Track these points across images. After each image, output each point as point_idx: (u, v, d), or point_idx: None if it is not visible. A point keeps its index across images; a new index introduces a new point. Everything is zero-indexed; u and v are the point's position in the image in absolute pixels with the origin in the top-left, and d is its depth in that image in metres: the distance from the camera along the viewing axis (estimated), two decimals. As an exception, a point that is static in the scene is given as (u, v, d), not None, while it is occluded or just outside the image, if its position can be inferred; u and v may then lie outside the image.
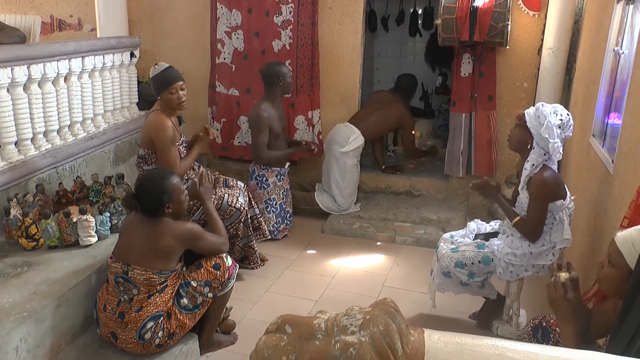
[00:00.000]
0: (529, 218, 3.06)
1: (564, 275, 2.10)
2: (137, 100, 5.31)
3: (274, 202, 4.66)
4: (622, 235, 1.81)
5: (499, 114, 5.20)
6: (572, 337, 1.94)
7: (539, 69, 4.95)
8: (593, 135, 3.76)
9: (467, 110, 5.18)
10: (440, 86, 6.76)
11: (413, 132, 5.42)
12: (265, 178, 4.62)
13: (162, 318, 2.82)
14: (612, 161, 3.10)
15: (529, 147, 3.06)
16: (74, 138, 4.33)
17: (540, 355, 0.94)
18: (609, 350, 1.63)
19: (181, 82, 3.58)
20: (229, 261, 3.01)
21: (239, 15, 5.38)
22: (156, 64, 3.62)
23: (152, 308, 2.78)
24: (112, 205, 3.56)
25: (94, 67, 4.51)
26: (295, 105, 5.37)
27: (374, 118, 5.20)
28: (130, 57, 5.11)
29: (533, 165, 3.04)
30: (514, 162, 5.16)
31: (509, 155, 5.19)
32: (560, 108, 3.01)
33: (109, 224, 3.49)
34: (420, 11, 7.18)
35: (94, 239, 3.38)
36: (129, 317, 2.78)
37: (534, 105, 3.11)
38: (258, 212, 4.17)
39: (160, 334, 2.81)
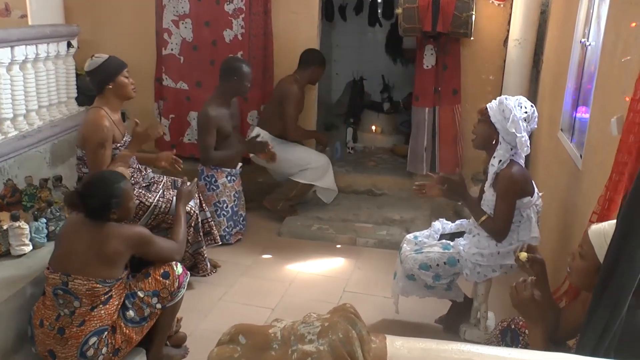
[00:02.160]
0: (496, 216, 3.09)
1: (523, 255, 2.19)
2: (75, 95, 5.20)
3: (224, 204, 4.63)
4: (595, 228, 1.86)
5: (464, 108, 5.27)
6: (540, 338, 1.99)
7: (505, 61, 5.04)
8: (561, 130, 3.85)
9: (431, 105, 5.24)
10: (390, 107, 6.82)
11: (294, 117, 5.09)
12: (214, 179, 4.60)
13: (106, 333, 2.77)
14: (581, 156, 3.18)
15: (494, 142, 3.10)
16: (3, 137, 4.22)
17: (508, 359, 0.95)
18: (578, 351, 1.66)
19: (127, 68, 3.59)
20: (178, 269, 2.98)
21: (186, 3, 5.34)
22: (93, 55, 3.55)
23: (95, 322, 2.73)
24: (49, 210, 3.48)
25: (26, 57, 4.40)
26: (249, 100, 5.35)
27: (276, 110, 5.05)
28: (67, 48, 5.01)
29: (500, 161, 3.08)
30: (480, 158, 5.23)
31: (475, 151, 5.27)
32: (523, 100, 3.06)
33: (46, 231, 3.40)
34: (379, -1, 7.20)
35: (28, 248, 3.29)
36: (69, 333, 2.72)
37: (500, 99, 3.14)
38: (209, 216, 4.15)
39: (104, 350, 2.76)
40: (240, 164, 4.75)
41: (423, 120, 5.26)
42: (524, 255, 2.22)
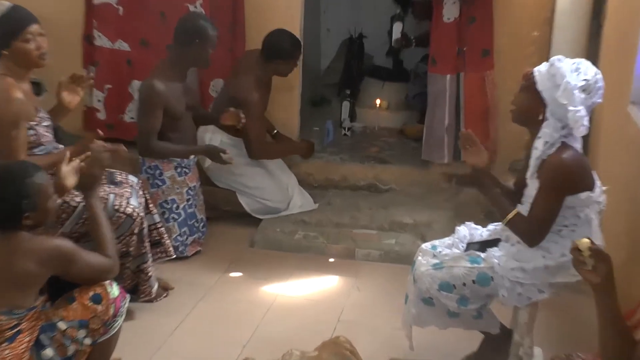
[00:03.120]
0: (532, 212, 3.10)
1: (585, 243, 2.17)
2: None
3: (174, 205, 4.64)
4: None
5: (497, 75, 5.26)
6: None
7: (554, 11, 5.02)
8: (632, 103, 3.82)
9: (453, 71, 5.25)
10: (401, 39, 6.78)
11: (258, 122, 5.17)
12: (159, 171, 4.59)
13: (12, 383, 2.73)
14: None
15: (540, 118, 3.10)
16: None
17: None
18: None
19: (37, 26, 3.51)
20: (114, 290, 2.97)
21: None
22: (-9, 3, 3.52)
23: (-4, 367, 2.70)
24: None
25: None
26: (212, 63, 5.25)
27: (226, 93, 5.18)
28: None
29: (547, 142, 3.07)
30: (521, 140, 5.21)
31: (514, 130, 5.12)
32: (584, 64, 3.05)
33: None
34: None
35: None
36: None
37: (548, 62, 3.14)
38: (158, 220, 4.15)
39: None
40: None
41: (443, 91, 5.28)
42: (585, 242, 2.15)
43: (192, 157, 4.76)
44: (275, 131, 5.44)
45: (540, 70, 3.08)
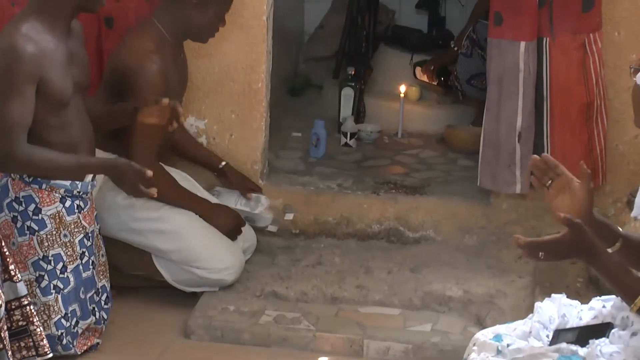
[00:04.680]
0: None
1: None
2: None
3: (58, 265, 4.56)
4: None
5: (609, 40, 5.27)
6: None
7: None
8: None
9: (532, 35, 5.26)
10: None
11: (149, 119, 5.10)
12: (34, 206, 4.50)
13: None
14: None
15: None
16: None
17: None
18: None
19: None
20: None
21: None
22: None
23: None
24: None
25: None
26: (115, 22, 5.38)
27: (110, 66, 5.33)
28: None
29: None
30: None
31: (638, 140, 5.36)
32: None
33: None
34: None
35: None
36: None
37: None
38: (25, 293, 4.12)
39: None
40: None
41: (514, 69, 5.28)
42: None
43: (88, 178, 4.68)
44: (223, 164, 5.52)
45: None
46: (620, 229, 3.38)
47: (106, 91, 5.12)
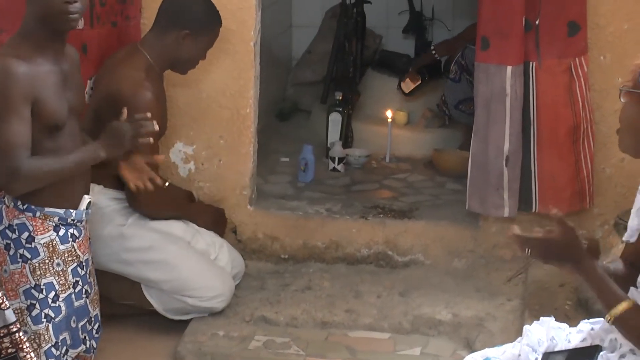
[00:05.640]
0: None
1: None
2: None
3: (50, 293, 4.48)
4: None
5: (595, 64, 5.30)
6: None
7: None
8: None
9: (518, 59, 5.29)
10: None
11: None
12: (26, 233, 4.45)
13: None
14: None
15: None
16: None
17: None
18: None
19: None
20: None
21: None
22: None
23: None
24: None
25: None
26: (88, 48, 5.39)
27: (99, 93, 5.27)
28: None
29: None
30: (637, 179, 5.15)
31: (624, 163, 5.40)
32: None
33: None
34: None
35: None
36: None
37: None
38: (14, 320, 3.94)
39: None
40: (89, 199, 4.67)
41: (501, 93, 5.30)
42: None
43: (85, 205, 4.60)
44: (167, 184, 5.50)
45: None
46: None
47: (94, 118, 5.10)
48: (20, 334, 3.93)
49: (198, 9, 5.15)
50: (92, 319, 4.66)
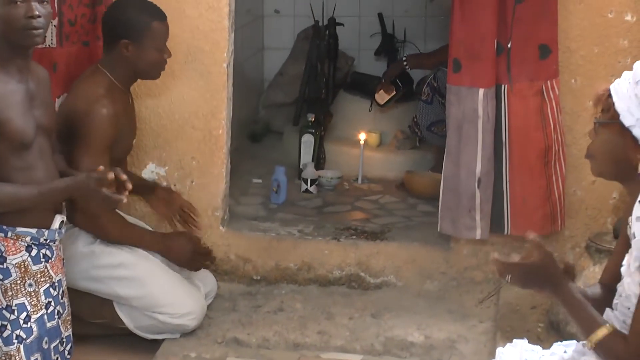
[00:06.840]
0: (634, 328, 3.07)
1: None
2: None
3: (21, 314, 4.46)
4: None
5: (567, 87, 5.33)
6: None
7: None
8: None
9: (490, 82, 5.31)
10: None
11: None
12: None
13: None
14: None
15: (635, 164, 3.05)
16: None
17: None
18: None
19: None
20: None
21: None
22: None
23: None
24: None
25: None
26: (58, 67, 5.36)
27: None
28: None
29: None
30: (608, 201, 5.17)
31: (596, 185, 5.40)
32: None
33: None
34: None
35: None
36: None
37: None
38: None
39: None
40: (61, 218, 4.65)
41: (473, 116, 5.34)
42: None
43: (58, 224, 4.58)
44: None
45: (619, 85, 3.03)
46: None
47: (58, 138, 4.97)
48: (-9, 355, 4.00)
49: (126, 15, 5.14)
50: (64, 340, 4.64)
